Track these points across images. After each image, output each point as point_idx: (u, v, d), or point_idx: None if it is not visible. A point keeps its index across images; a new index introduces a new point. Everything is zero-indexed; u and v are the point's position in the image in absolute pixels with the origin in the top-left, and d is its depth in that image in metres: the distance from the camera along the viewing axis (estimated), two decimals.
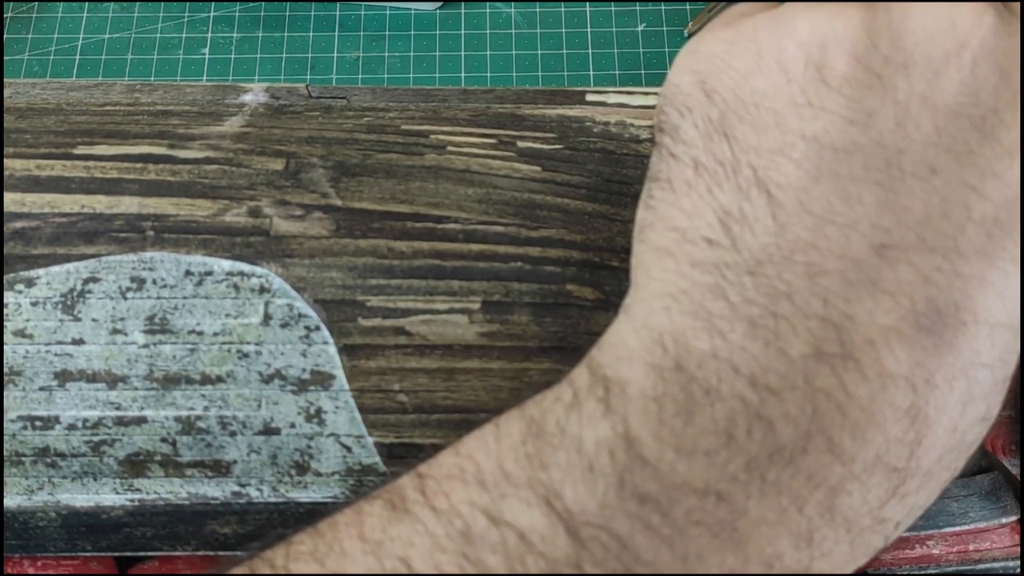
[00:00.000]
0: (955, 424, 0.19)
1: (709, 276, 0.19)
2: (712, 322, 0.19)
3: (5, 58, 0.59)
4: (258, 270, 0.25)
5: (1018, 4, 0.21)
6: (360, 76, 0.59)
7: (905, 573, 0.27)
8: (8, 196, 0.26)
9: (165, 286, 0.25)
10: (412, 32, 0.60)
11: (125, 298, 0.25)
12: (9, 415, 0.25)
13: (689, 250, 0.20)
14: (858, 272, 0.18)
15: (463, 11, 0.60)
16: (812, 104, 0.20)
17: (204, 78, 0.58)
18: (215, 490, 0.25)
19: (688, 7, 0.61)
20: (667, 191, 0.21)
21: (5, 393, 0.25)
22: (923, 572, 0.27)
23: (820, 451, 0.18)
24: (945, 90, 0.19)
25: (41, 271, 0.25)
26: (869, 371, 0.18)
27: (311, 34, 0.60)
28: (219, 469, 0.25)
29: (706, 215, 0.20)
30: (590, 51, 0.59)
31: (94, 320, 0.25)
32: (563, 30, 0.60)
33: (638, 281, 0.21)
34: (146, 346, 0.25)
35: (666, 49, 0.60)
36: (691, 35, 0.60)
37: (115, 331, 0.25)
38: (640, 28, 0.60)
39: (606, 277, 0.26)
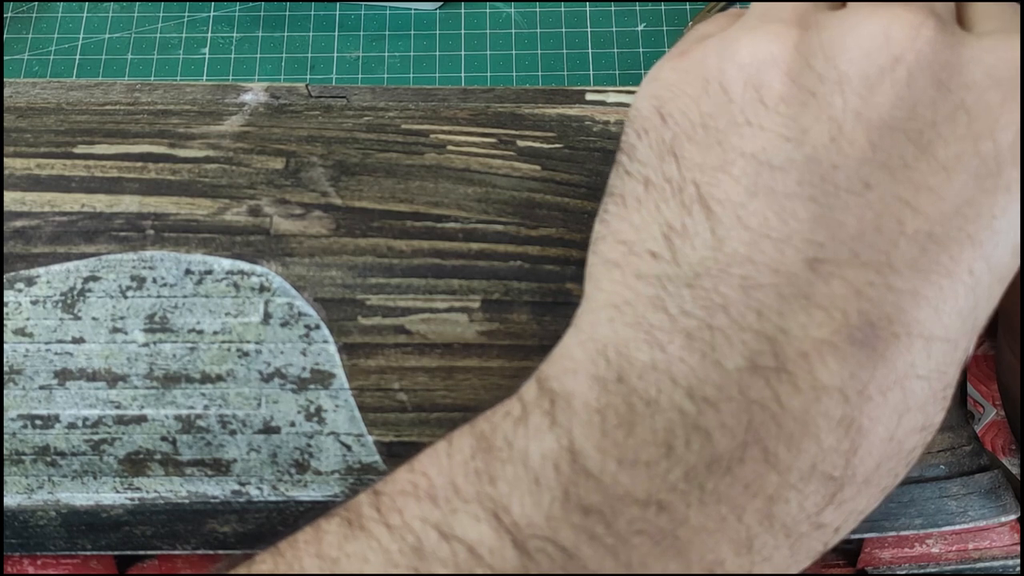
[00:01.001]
0: (891, 434, 0.19)
1: (651, 288, 0.20)
2: (653, 334, 0.19)
3: (5, 58, 0.59)
4: (258, 269, 0.25)
5: (984, 9, 0.21)
6: (360, 76, 0.59)
7: (904, 572, 0.27)
8: (8, 195, 0.26)
9: (165, 285, 0.25)
10: (412, 32, 0.60)
11: (125, 297, 0.25)
12: (9, 414, 0.25)
13: (635, 262, 0.20)
14: (792, 286, 0.19)
15: (463, 11, 0.60)
16: (751, 123, 0.20)
17: (204, 78, 0.58)
18: (215, 489, 0.25)
19: (688, 7, 0.61)
20: (620, 206, 0.21)
21: (5, 392, 0.25)
22: (923, 571, 0.27)
23: (756, 460, 0.18)
24: (880, 105, 0.19)
25: (41, 270, 0.25)
26: (802, 383, 0.18)
27: (311, 34, 0.60)
28: (219, 468, 0.25)
29: (652, 229, 0.20)
30: (590, 51, 0.59)
31: (94, 319, 0.25)
32: (563, 30, 0.60)
33: (588, 292, 0.21)
34: (146, 345, 0.25)
35: (666, 49, 0.60)
36: None
37: (115, 330, 0.25)
38: (640, 28, 0.60)
39: None
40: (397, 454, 0.25)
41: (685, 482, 0.18)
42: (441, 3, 0.60)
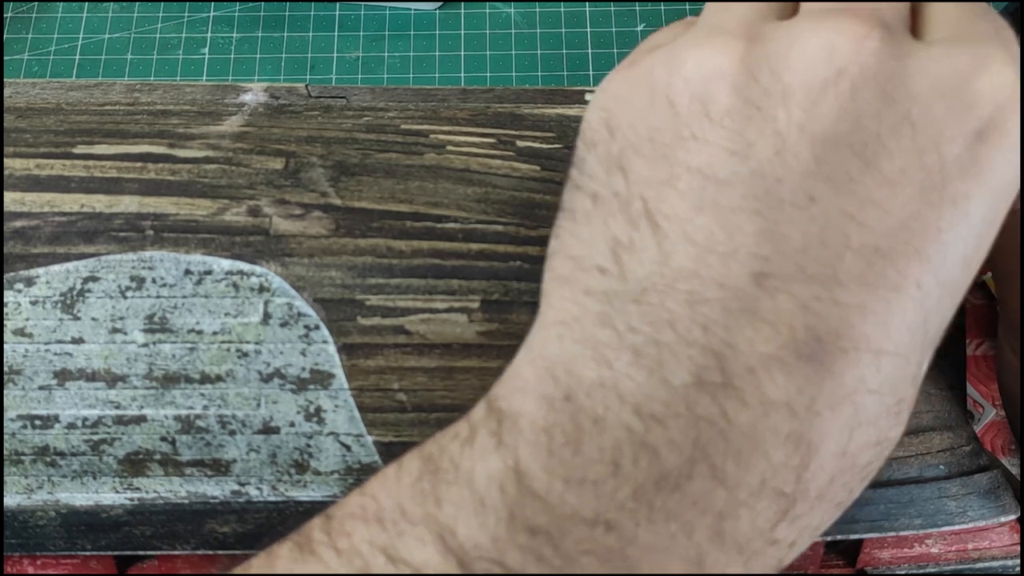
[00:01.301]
0: (843, 448, 0.19)
1: (599, 304, 0.20)
2: (600, 351, 0.19)
3: (5, 58, 0.59)
4: (257, 269, 0.25)
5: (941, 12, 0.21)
6: (360, 76, 0.59)
7: (904, 572, 0.27)
8: (8, 195, 0.26)
9: (165, 285, 0.25)
10: (412, 32, 0.60)
11: (125, 297, 0.25)
12: (9, 414, 0.25)
13: (583, 278, 0.20)
14: (738, 301, 0.19)
15: (463, 11, 0.60)
16: (697, 137, 0.20)
17: (204, 78, 0.58)
18: (214, 489, 0.25)
19: (688, 7, 0.61)
20: (570, 221, 0.21)
21: (5, 392, 0.25)
22: (922, 571, 0.27)
23: (704, 477, 0.18)
24: (823, 118, 0.19)
25: (41, 270, 0.25)
26: (750, 398, 0.18)
27: (311, 34, 0.60)
28: (218, 468, 0.25)
29: (600, 245, 0.20)
30: (590, 51, 0.59)
31: (93, 319, 0.25)
32: (563, 30, 0.60)
33: (541, 309, 0.21)
34: (145, 345, 0.25)
35: None
36: None
37: (115, 330, 0.25)
38: (640, 28, 0.60)
39: None
40: (397, 454, 0.25)
41: (633, 500, 0.18)
42: (441, 3, 0.60)
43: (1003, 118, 0.19)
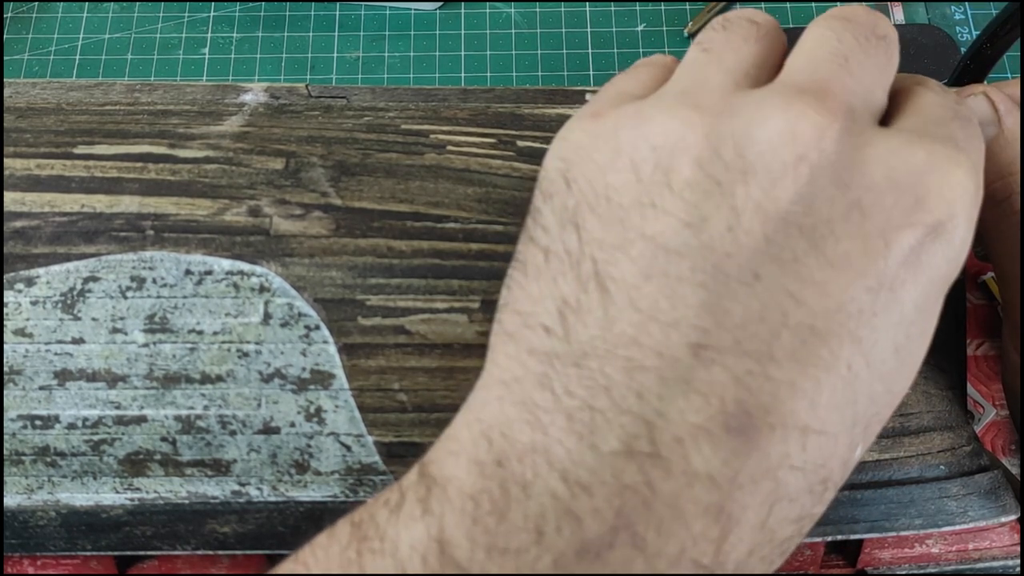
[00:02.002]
0: (762, 522, 0.19)
1: (541, 366, 0.20)
2: (536, 414, 0.19)
3: (5, 58, 0.59)
4: (258, 269, 0.25)
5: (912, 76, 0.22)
6: (360, 76, 0.59)
7: (904, 572, 0.27)
8: (8, 195, 0.26)
9: (165, 285, 0.25)
10: (412, 32, 0.60)
11: (125, 297, 0.25)
12: (9, 414, 0.25)
13: (529, 336, 0.20)
14: (674, 370, 0.19)
15: (463, 11, 0.60)
16: (655, 205, 0.20)
17: (204, 78, 0.58)
18: (215, 489, 0.25)
19: (688, 7, 0.61)
20: (521, 273, 0.22)
21: (5, 392, 0.25)
22: (922, 571, 0.27)
23: (626, 546, 0.18)
24: (779, 199, 0.19)
25: (41, 270, 0.25)
26: (675, 468, 0.18)
27: (311, 34, 0.60)
28: (219, 468, 0.25)
29: (547, 303, 0.20)
30: (590, 51, 0.59)
31: (94, 319, 0.25)
32: (563, 30, 0.60)
33: (486, 364, 0.21)
34: (146, 345, 0.25)
35: (666, 49, 0.60)
36: (691, 35, 0.60)
37: (115, 330, 0.25)
38: (640, 28, 0.60)
39: None
40: (397, 454, 0.25)
41: (554, 568, 0.18)
42: (441, 3, 0.60)
43: (952, 221, 0.20)
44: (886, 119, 0.22)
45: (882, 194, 0.19)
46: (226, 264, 0.25)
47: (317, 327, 0.25)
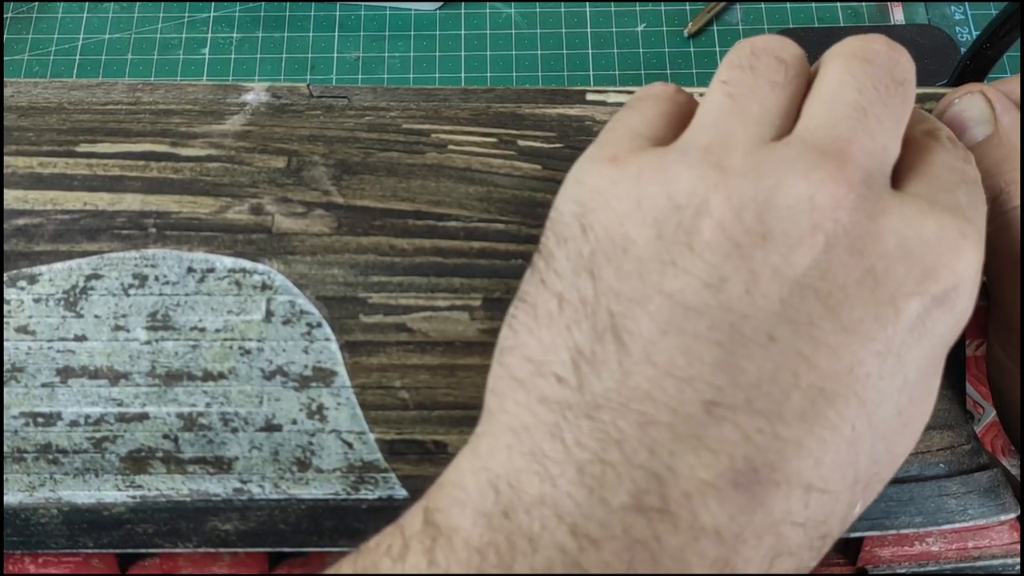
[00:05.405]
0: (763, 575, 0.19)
1: (552, 415, 0.20)
2: (545, 465, 0.19)
3: (5, 58, 0.59)
4: (260, 267, 0.25)
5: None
6: (360, 76, 0.59)
7: (904, 570, 0.27)
8: (11, 193, 0.26)
9: (167, 283, 0.25)
10: (412, 32, 0.60)
11: (127, 295, 0.25)
12: (11, 411, 0.25)
13: (540, 385, 0.20)
14: (687, 426, 0.19)
15: (463, 11, 0.61)
16: (676, 264, 0.20)
17: (204, 78, 0.59)
18: (217, 487, 0.25)
19: (688, 7, 0.61)
20: (531, 317, 0.21)
21: (7, 389, 0.25)
22: (922, 569, 0.27)
23: None
24: (796, 265, 0.20)
25: (43, 268, 0.25)
26: (682, 523, 0.18)
27: (311, 34, 0.60)
28: (221, 465, 0.25)
29: (561, 352, 0.20)
30: (590, 51, 0.59)
31: (96, 317, 0.25)
32: (563, 30, 0.60)
33: (491, 408, 0.21)
34: (148, 343, 0.25)
35: (666, 49, 0.60)
36: (691, 36, 0.60)
37: (117, 328, 0.25)
38: (640, 28, 0.60)
39: None
40: (399, 452, 0.25)
41: None
42: (441, 4, 0.60)
43: (957, 289, 0.20)
44: (897, 169, 0.22)
45: (894, 262, 0.20)
46: (228, 262, 0.25)
47: (319, 325, 0.25)
